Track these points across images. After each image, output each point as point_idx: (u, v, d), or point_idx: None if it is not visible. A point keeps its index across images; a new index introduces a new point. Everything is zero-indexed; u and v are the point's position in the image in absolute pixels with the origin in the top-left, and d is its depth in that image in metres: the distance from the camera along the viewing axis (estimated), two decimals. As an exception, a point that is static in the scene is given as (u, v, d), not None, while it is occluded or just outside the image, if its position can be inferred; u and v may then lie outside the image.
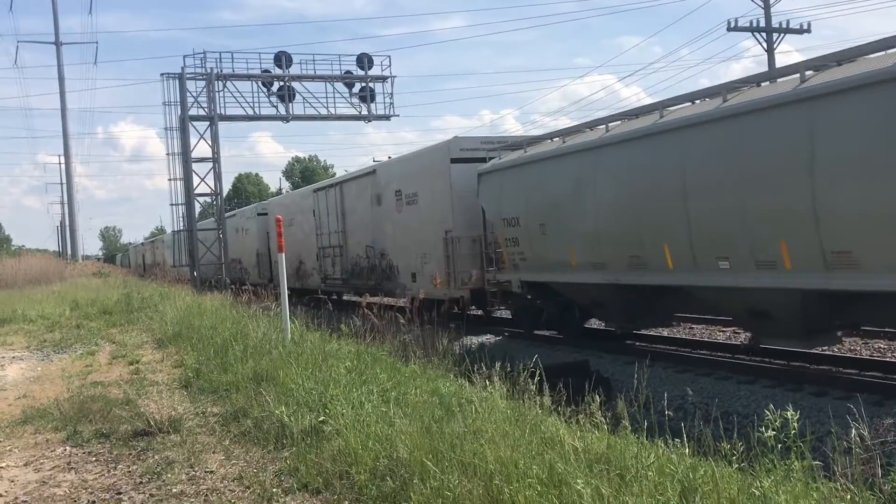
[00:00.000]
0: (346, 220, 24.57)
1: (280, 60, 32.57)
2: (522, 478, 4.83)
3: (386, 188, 21.55)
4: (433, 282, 18.34)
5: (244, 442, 7.19)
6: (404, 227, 20.31)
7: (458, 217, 17.68)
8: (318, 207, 26.91)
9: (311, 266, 28.32)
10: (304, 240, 28.56)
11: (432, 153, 19.20)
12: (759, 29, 34.05)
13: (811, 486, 4.29)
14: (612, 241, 12.64)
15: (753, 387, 10.22)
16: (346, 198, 24.59)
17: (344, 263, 24.80)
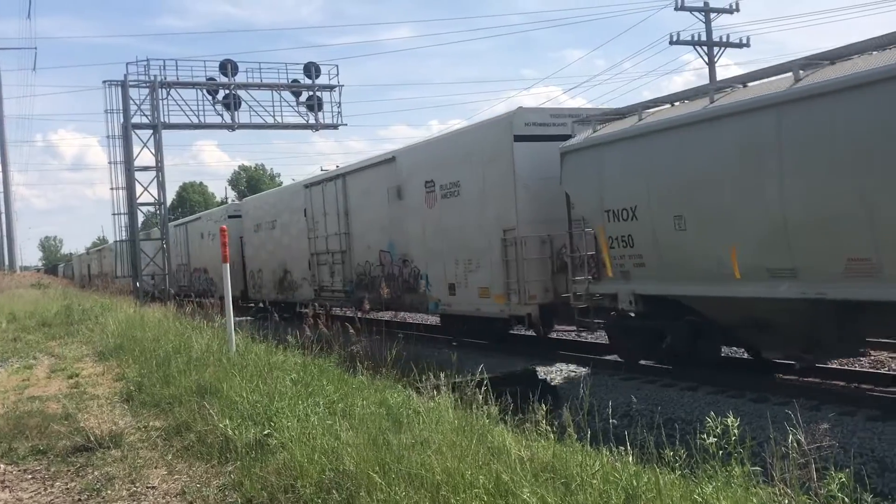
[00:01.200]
0: (350, 220, 20.65)
1: (226, 68, 32.16)
2: (469, 488, 4.84)
3: (410, 178, 17.68)
4: (485, 295, 14.97)
5: (187, 456, 7.06)
6: (438, 227, 16.52)
7: (524, 211, 13.92)
8: (312, 206, 22.86)
9: (299, 276, 24.35)
10: (291, 245, 24.60)
11: (485, 131, 15.31)
12: (701, 43, 34.83)
13: (751, 492, 4.38)
14: (816, 236, 8.89)
15: (696, 394, 10.40)
16: (350, 193, 20.63)
17: (347, 272, 20.82)
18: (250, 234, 28.65)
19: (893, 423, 8.14)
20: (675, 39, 34.02)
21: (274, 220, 26.03)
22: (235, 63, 32.40)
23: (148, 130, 31.77)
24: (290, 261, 24.87)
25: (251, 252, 28.82)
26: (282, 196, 26.67)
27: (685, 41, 33.86)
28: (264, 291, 27.51)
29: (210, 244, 32.65)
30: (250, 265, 28.76)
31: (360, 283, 20.06)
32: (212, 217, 34.09)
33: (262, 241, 27.61)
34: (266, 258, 27.09)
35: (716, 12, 34.46)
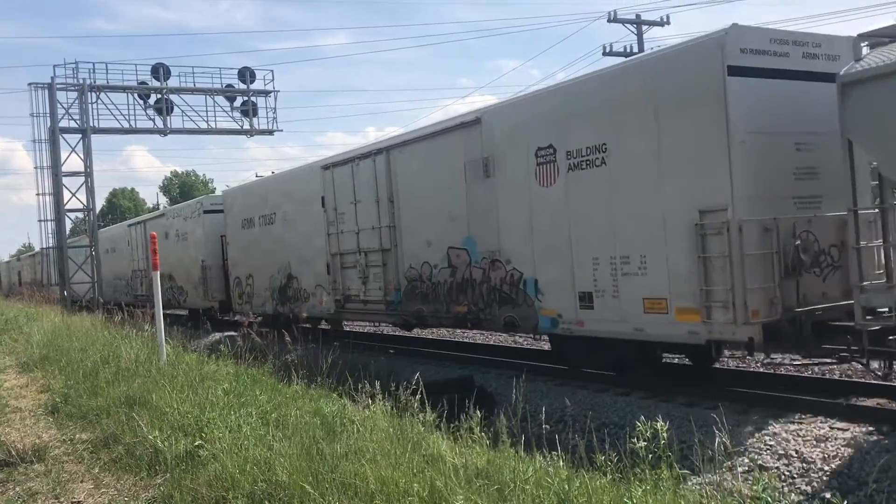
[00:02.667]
0: (398, 209, 15.31)
1: (158, 72, 31.58)
2: (403, 496, 4.84)
3: (508, 146, 12.51)
4: (657, 308, 10.21)
5: (115, 469, 6.89)
6: (561, 211, 11.52)
7: (743, 183, 9.22)
8: (334, 192, 17.33)
9: (310, 282, 18.78)
10: (299, 243, 19.17)
11: (665, 62, 10.25)
12: (633, 54, 35.49)
13: (678, 494, 4.47)
14: None
15: (629, 398, 10.56)
16: (399, 172, 15.29)
17: (391, 277, 15.63)
18: (236, 232, 22.73)
19: (816, 425, 8.39)
20: (609, 51, 34.63)
21: (272, 212, 20.48)
22: (168, 67, 31.87)
23: (76, 135, 30.97)
24: (298, 264, 19.31)
25: (237, 254, 22.86)
26: (286, 182, 20.37)
27: (618, 52, 34.47)
28: (256, 302, 21.41)
29: (177, 245, 27.51)
30: (235, 270, 22.88)
31: (411, 292, 14.98)
32: (181, 213, 27.81)
33: (253, 239, 21.59)
34: (260, 261, 21.16)
35: (647, 25, 35.19)
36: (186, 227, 26.64)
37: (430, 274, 14.42)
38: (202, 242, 25.14)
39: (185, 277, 26.79)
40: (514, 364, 13.75)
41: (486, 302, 13.06)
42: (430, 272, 14.46)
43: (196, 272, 25.58)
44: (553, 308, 11.76)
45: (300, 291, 19.24)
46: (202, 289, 25.09)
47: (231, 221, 23.11)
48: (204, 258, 24.85)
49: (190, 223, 26.43)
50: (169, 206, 30.00)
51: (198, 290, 25.50)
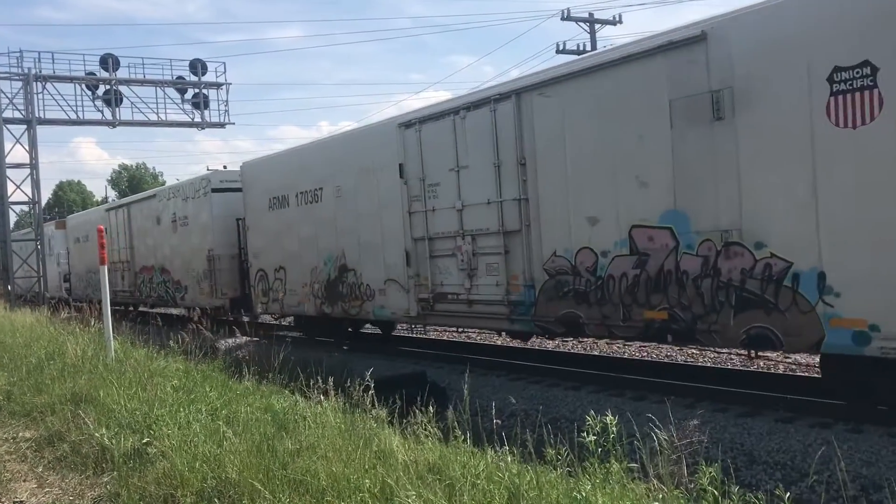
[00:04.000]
0: (537, 173, 11.17)
1: (107, 63, 31.00)
2: (355, 492, 4.83)
3: (773, 70, 8.31)
4: None
5: (60, 468, 6.76)
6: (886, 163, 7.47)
7: None
8: (422, 156, 13.22)
9: (377, 276, 14.64)
10: (360, 226, 15.04)
11: None
12: (586, 53, 35.81)
13: (627, 488, 4.54)
14: None
15: (579, 393, 10.68)
16: (539, 122, 11.11)
17: (522, 268, 11.52)
18: (260, 215, 18.32)
19: (761, 419, 8.60)
20: (562, 49, 34.90)
21: (317, 188, 16.16)
22: (117, 58, 31.34)
23: (21, 125, 30.25)
24: (356, 252, 15.21)
25: (261, 241, 18.51)
26: (341, 148, 15.86)
27: (571, 51, 34.75)
28: (289, 301, 17.44)
29: (172, 232, 22.92)
30: (258, 261, 18.55)
31: (555, 290, 11.01)
32: (179, 193, 22.66)
33: (286, 222, 17.34)
34: (296, 250, 17.12)
35: (600, 23, 35.53)
36: (187, 209, 21.94)
37: (595, 265, 10.45)
38: (209, 228, 20.70)
39: (183, 270, 22.38)
40: (469, 359, 13.81)
41: (709, 306, 9.00)
42: (593, 262, 10.48)
43: (199, 264, 21.15)
44: (860, 316, 7.67)
45: (359, 287, 15.11)
46: (208, 284, 20.70)
47: (253, 201, 18.63)
48: (211, 247, 20.42)
49: (192, 205, 21.65)
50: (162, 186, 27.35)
51: (201, 286, 21.20)
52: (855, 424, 8.05)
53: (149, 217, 24.73)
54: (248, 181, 19.09)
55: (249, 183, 19.00)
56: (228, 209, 20.28)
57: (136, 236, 25.98)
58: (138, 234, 25.79)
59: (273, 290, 18.01)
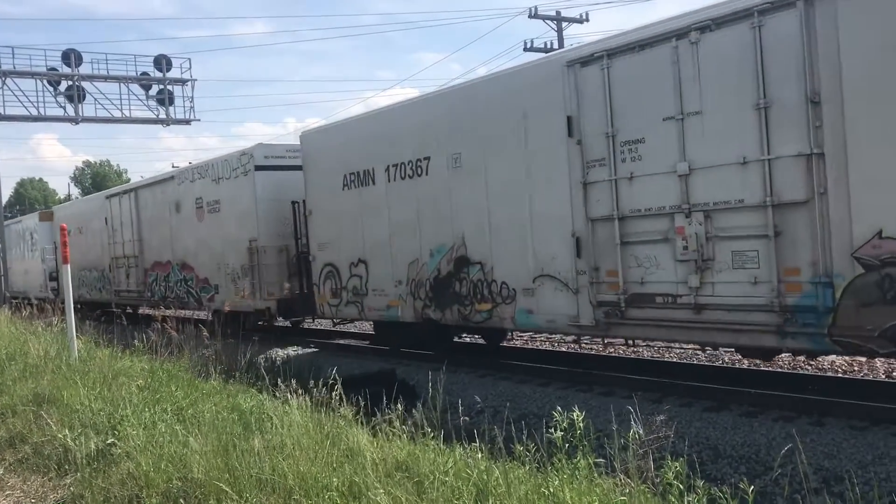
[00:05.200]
0: (845, 115, 7.64)
1: (69, 58, 30.56)
2: (322, 491, 4.81)
3: None
4: None
5: (21, 470, 6.66)
6: None
7: None
8: (609, 104, 9.78)
9: (518, 270, 11.25)
10: (490, 204, 11.60)
11: None
12: (553, 50, 35.98)
13: (594, 483, 4.57)
14: None
15: (547, 389, 10.73)
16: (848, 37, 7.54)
17: (811, 255, 7.96)
18: (328, 196, 14.75)
19: (727, 413, 8.70)
20: (529, 46, 35.04)
21: (420, 158, 12.62)
22: (80, 53, 30.93)
23: (-21, 122, 29.70)
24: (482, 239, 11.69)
25: (328, 230, 14.88)
26: (455, 106, 12.22)
27: (538, 48, 34.90)
28: (374, 303, 13.86)
29: (198, 222, 19.14)
30: (325, 254, 15.05)
31: (879, 289, 7.50)
32: (208, 172, 18.73)
33: (368, 205, 13.85)
34: (383, 238, 13.58)
35: (567, 21, 35.73)
36: (219, 192, 18.13)
37: None
38: (250, 214, 16.94)
39: (212, 266, 18.59)
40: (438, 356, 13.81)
41: None
42: None
43: (236, 258, 17.52)
44: None
45: (488, 286, 11.68)
46: (248, 282, 17.09)
47: (318, 179, 15.08)
48: (254, 237, 16.76)
49: (226, 187, 17.83)
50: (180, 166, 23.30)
51: (238, 285, 17.57)
52: (818, 417, 8.18)
53: (164, 203, 20.64)
54: (311, 155, 15.28)
55: (313, 157, 15.20)
56: (276, 191, 16.66)
57: (147, 227, 21.90)
58: (149, 224, 21.73)
59: (348, 289, 14.37)
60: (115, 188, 25.37)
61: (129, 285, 23.05)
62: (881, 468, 6.74)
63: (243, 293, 17.10)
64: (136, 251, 22.40)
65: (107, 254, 24.39)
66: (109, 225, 24.06)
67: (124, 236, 23.12)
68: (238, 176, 17.34)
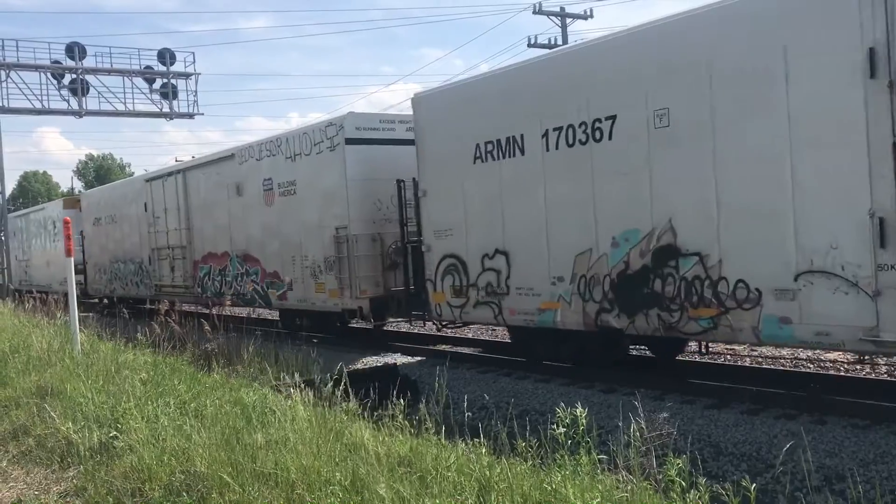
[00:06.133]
0: None
1: (73, 51, 30.58)
2: (325, 485, 4.82)
3: None
4: None
5: (25, 462, 6.67)
6: None
7: None
8: None
9: (765, 263, 8.36)
10: (698, 176, 8.88)
11: None
12: (557, 47, 35.94)
13: (596, 479, 4.58)
14: None
15: (549, 385, 10.74)
16: None
17: None
18: (452, 172, 12.11)
19: (728, 411, 8.71)
20: (533, 42, 34.98)
21: (598, 118, 9.91)
22: (84, 46, 30.93)
23: (-16, 115, 29.77)
24: (706, 221, 8.89)
25: (451, 213, 12.20)
26: (655, 47, 9.33)
27: (542, 44, 34.85)
28: (518, 304, 11.22)
29: (267, 206, 16.44)
30: (443, 244, 12.35)
31: None
32: (279, 148, 16.04)
33: (511, 181, 11.19)
34: (534, 222, 10.91)
35: (571, 17, 35.67)
36: (295, 171, 15.61)
37: None
38: (338, 196, 14.42)
39: (284, 258, 16.06)
40: (440, 353, 13.83)
41: None
42: None
43: (319, 248, 15.05)
44: None
45: (710, 285, 8.89)
46: (334, 277, 14.56)
47: (436, 151, 12.31)
48: (342, 224, 14.29)
49: (306, 164, 15.27)
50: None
51: (319, 280, 15.07)
52: (819, 416, 8.19)
53: (220, 186, 17.99)
54: (427, 122, 12.57)
55: (431, 124, 12.50)
56: (369, 168, 14.19)
57: (198, 213, 19.22)
58: (201, 210, 19.07)
59: (478, 287, 11.71)
60: (158, 170, 22.18)
61: (174, 279, 20.40)
62: (883, 467, 6.74)
63: (327, 290, 14.73)
64: (184, 241, 19.71)
65: (146, 244, 21.82)
66: (149, 211, 21.38)
67: (168, 224, 20.45)
68: (322, 151, 14.72)
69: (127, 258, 23.33)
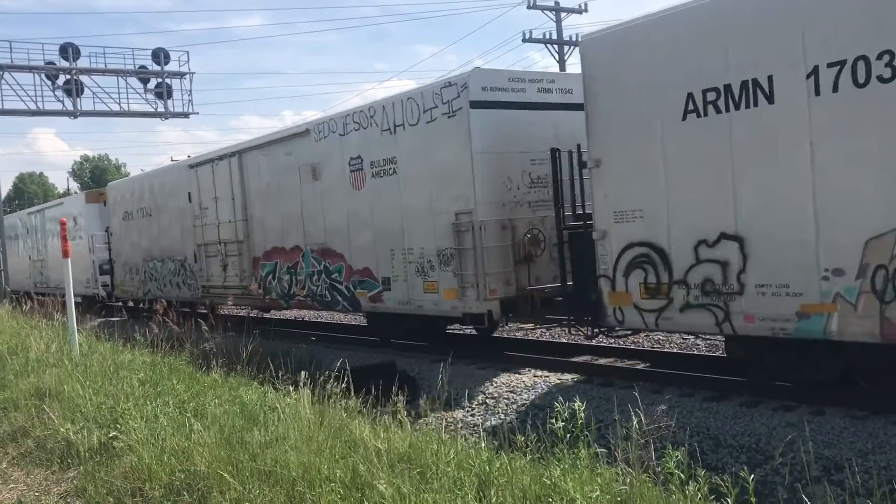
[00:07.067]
0: None
1: (67, 52, 30.45)
2: (325, 482, 4.83)
3: None
4: None
5: (24, 464, 6.68)
6: None
7: None
8: None
9: None
10: None
11: None
12: (552, 41, 35.89)
13: (596, 473, 4.59)
14: None
15: (548, 380, 10.74)
16: None
17: None
18: (641, 134, 9.24)
19: (727, 403, 8.72)
20: (528, 37, 34.96)
21: None
22: (77, 47, 30.81)
23: (-22, 116, 29.67)
24: None
25: (645, 191, 9.26)
26: None
27: (537, 39, 34.84)
28: (753, 304, 8.33)
29: (354, 191, 13.73)
30: (625, 230, 9.55)
31: None
32: (374, 118, 13.23)
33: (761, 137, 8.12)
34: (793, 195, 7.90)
35: (566, 12, 35.65)
36: (397, 145, 12.70)
37: None
38: (461, 174, 11.58)
39: (380, 252, 13.32)
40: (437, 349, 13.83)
41: None
42: None
43: (431, 238, 12.24)
44: None
45: None
46: (451, 274, 11.83)
47: (619, 107, 9.49)
48: (467, 207, 11.52)
49: (412, 137, 12.45)
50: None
51: (427, 277, 12.38)
52: (818, 407, 8.20)
53: (289, 168, 15.38)
54: (604, 71, 9.63)
55: (610, 74, 9.57)
56: (499, 139, 11.55)
57: (258, 201, 16.49)
58: (262, 199, 16.37)
59: (689, 284, 8.91)
60: (205, 154, 19.41)
61: (227, 279, 17.69)
62: (881, 456, 6.76)
63: (441, 290, 12.12)
64: (240, 234, 16.97)
65: (190, 239, 19.04)
66: (195, 202, 18.59)
67: (220, 216, 17.71)
68: (435, 119, 11.98)
69: (165, 256, 20.52)
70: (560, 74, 11.82)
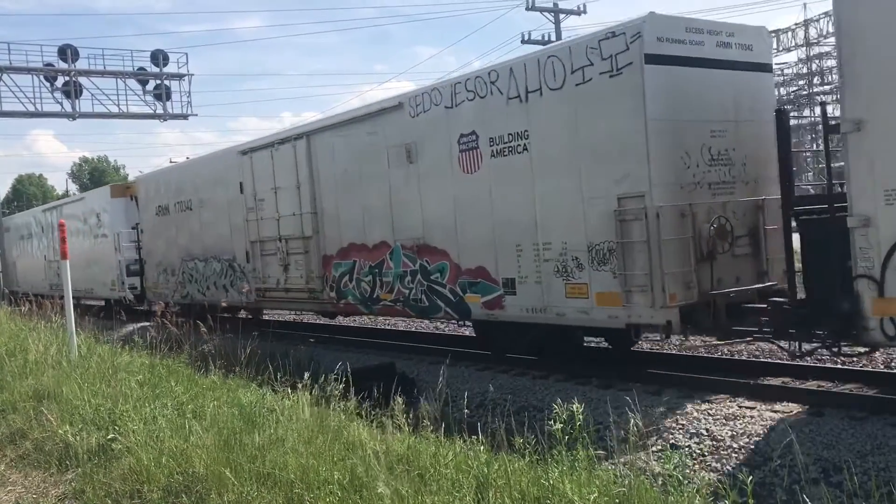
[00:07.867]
0: None
1: (65, 54, 30.42)
2: (324, 484, 4.83)
3: None
4: None
5: (22, 466, 6.68)
6: None
7: None
8: None
9: None
10: None
11: None
12: (551, 43, 35.94)
13: (594, 474, 4.59)
14: None
15: (547, 381, 10.74)
16: None
17: None
18: None
19: (726, 404, 8.71)
20: (527, 39, 35.00)
21: None
22: (76, 48, 30.78)
23: (-23, 118, 29.64)
24: None
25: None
26: None
27: (536, 41, 34.87)
28: None
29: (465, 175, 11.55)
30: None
31: None
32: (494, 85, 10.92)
33: None
34: None
35: (564, 13, 35.69)
36: (529, 117, 10.51)
37: None
38: (626, 147, 9.35)
39: (495, 248, 11.25)
40: (436, 350, 13.83)
41: None
42: None
43: (575, 229, 10.09)
44: None
45: None
46: (610, 273, 9.67)
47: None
48: (634, 190, 9.32)
49: (552, 104, 10.19)
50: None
51: (572, 278, 10.17)
52: (816, 408, 8.20)
53: (374, 151, 13.23)
54: (874, 9, 7.04)
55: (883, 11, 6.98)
56: (678, 104, 9.40)
57: (331, 191, 14.36)
58: (337, 187, 14.19)
59: None
60: (262, 137, 16.83)
61: (289, 281, 15.62)
62: (880, 458, 6.76)
63: (593, 294, 9.95)
64: (307, 230, 14.91)
65: (241, 236, 16.89)
66: (248, 193, 16.50)
67: (280, 208, 15.59)
68: (590, 80, 9.69)
69: (209, 255, 18.28)
70: (739, 26, 9.97)
